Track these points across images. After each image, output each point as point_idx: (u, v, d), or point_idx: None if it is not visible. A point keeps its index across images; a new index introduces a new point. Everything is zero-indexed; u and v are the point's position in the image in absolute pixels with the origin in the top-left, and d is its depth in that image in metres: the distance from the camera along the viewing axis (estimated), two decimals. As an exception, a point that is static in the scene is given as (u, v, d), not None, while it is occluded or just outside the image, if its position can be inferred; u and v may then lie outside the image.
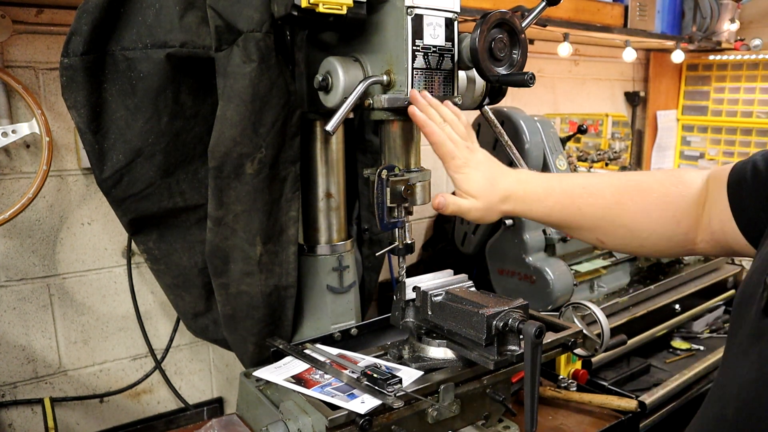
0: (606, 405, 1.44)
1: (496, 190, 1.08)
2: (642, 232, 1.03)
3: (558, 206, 1.07)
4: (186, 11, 1.16)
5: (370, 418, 1.00)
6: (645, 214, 1.02)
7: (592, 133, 2.68)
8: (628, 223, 1.03)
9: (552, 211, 1.08)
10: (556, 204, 1.07)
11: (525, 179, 1.10)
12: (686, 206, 1.00)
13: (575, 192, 1.07)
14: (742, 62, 3.08)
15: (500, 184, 1.08)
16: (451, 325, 1.13)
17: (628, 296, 1.83)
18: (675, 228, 1.01)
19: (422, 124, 1.08)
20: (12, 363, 1.56)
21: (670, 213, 1.01)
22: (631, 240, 1.06)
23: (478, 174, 1.08)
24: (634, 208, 1.02)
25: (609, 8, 2.37)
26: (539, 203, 1.08)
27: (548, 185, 1.09)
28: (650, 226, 1.02)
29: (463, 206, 1.08)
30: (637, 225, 1.03)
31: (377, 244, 1.67)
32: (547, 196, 1.07)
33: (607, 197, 1.05)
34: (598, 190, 1.06)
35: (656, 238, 1.03)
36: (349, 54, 1.19)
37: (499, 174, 1.10)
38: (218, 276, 1.30)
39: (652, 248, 1.08)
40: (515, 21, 1.11)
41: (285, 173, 1.28)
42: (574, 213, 1.06)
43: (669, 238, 1.03)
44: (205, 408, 1.86)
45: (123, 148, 1.22)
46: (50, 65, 1.50)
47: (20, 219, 1.49)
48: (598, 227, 1.06)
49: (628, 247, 1.10)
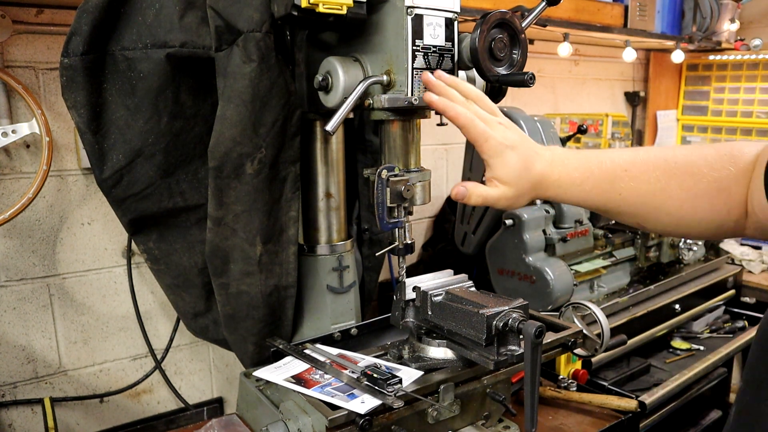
0: (606, 405, 1.44)
1: (530, 175, 0.97)
2: (690, 221, 0.93)
3: (596, 191, 0.97)
4: (186, 11, 1.16)
5: (370, 418, 1.00)
6: (693, 202, 0.91)
7: (592, 133, 2.68)
8: (674, 210, 0.93)
9: (589, 196, 0.98)
10: (594, 188, 0.96)
11: (560, 160, 0.99)
12: (739, 191, 0.89)
13: (616, 175, 0.95)
14: (742, 62, 3.08)
15: (534, 168, 0.97)
16: (451, 325, 1.13)
17: (628, 296, 1.83)
18: (726, 217, 0.91)
19: (444, 109, 0.98)
20: (12, 363, 1.56)
21: (722, 201, 0.90)
22: (676, 227, 0.96)
23: (514, 157, 0.96)
24: (682, 195, 0.92)
25: (609, 8, 2.37)
26: (576, 187, 0.97)
27: (586, 167, 0.97)
28: (698, 215, 0.92)
29: (490, 197, 0.98)
30: (685, 213, 0.93)
31: (377, 244, 1.67)
32: (585, 180, 0.97)
33: (651, 182, 0.93)
34: (642, 173, 0.94)
35: (705, 225, 0.93)
36: (349, 54, 1.19)
37: (533, 155, 0.98)
38: (218, 276, 1.30)
39: (698, 234, 0.98)
40: (515, 21, 1.11)
41: (285, 173, 1.28)
42: (614, 198, 0.96)
43: (718, 226, 0.93)
44: (205, 408, 1.86)
45: (123, 148, 1.22)
46: (50, 65, 1.50)
47: (20, 219, 1.49)
48: (640, 213, 0.96)
49: (672, 233, 1.01)
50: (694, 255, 2.10)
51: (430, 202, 1.28)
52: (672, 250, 2.06)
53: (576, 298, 1.71)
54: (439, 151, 2.37)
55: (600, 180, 0.96)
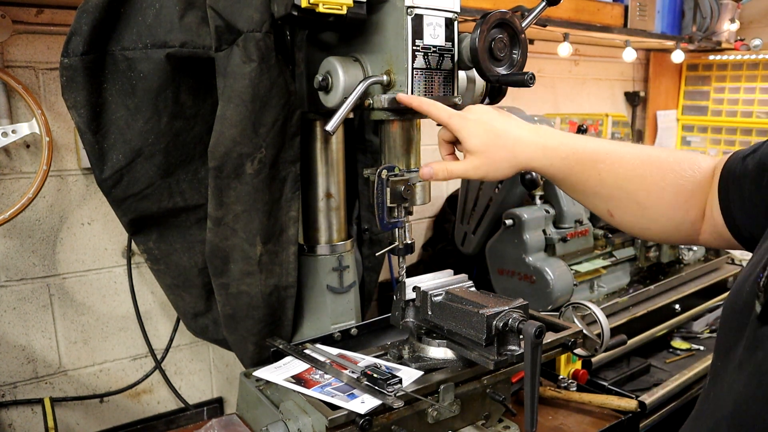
0: (606, 405, 1.44)
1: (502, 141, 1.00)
2: (653, 213, 0.99)
3: (579, 167, 1.00)
4: (186, 11, 1.16)
5: (370, 418, 1.00)
6: (660, 193, 0.97)
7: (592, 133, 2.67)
8: (643, 199, 0.98)
9: (572, 171, 1.01)
10: (577, 164, 1.00)
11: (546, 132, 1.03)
12: (698, 193, 0.96)
13: (598, 156, 1.00)
14: (742, 62, 3.08)
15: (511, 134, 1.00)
16: (451, 325, 1.13)
17: (628, 296, 1.83)
18: (684, 215, 0.98)
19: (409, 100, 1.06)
20: (12, 363, 1.56)
21: (683, 198, 0.96)
22: (640, 218, 1.01)
23: (480, 127, 1.00)
24: (652, 185, 0.98)
25: (609, 8, 2.37)
26: (561, 161, 1.00)
27: (572, 143, 1.01)
28: (662, 208, 0.98)
29: (456, 169, 1.02)
30: (651, 203, 0.98)
31: (377, 244, 1.67)
32: (569, 155, 1.00)
33: (628, 168, 0.99)
34: (621, 157, 1.00)
35: (665, 221, 0.99)
36: (349, 54, 1.19)
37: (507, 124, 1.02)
38: (218, 276, 1.30)
39: (658, 232, 1.03)
40: (515, 21, 1.11)
41: (285, 173, 1.28)
42: (593, 177, 1.00)
43: (677, 225, 0.99)
44: (205, 408, 1.86)
45: (123, 148, 1.22)
46: (50, 65, 1.50)
47: (20, 219, 1.49)
48: (613, 197, 1.01)
49: (635, 226, 1.04)
50: (694, 255, 2.09)
51: (430, 202, 1.28)
52: (672, 250, 2.06)
53: (576, 298, 1.71)
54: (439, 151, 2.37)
55: (583, 158, 1.00)
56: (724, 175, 0.92)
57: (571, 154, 1.00)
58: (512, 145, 1.00)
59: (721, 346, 0.78)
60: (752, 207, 0.87)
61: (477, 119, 1.01)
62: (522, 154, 1.00)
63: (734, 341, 0.73)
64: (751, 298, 0.71)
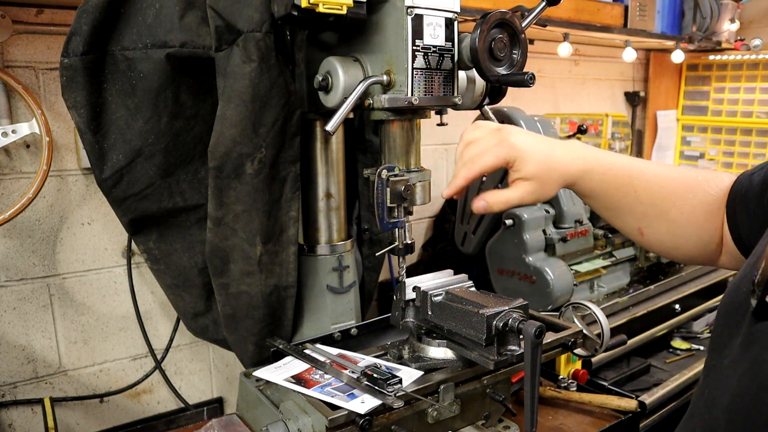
0: (606, 405, 1.44)
1: (552, 163, 0.98)
2: (684, 231, 0.98)
3: (615, 183, 0.99)
4: (186, 11, 1.16)
5: (370, 418, 1.00)
6: (692, 211, 0.96)
7: (592, 133, 2.68)
8: (676, 217, 0.97)
9: (609, 187, 0.99)
10: (614, 180, 0.99)
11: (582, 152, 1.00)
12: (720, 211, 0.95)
13: (633, 172, 0.99)
14: (742, 62, 3.08)
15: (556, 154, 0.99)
16: (451, 325, 1.13)
17: (628, 296, 1.83)
18: (712, 235, 0.96)
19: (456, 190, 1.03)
20: (12, 363, 1.56)
21: (712, 217, 0.95)
22: (672, 237, 1.00)
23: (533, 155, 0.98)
24: (684, 203, 0.96)
25: (609, 8, 2.37)
26: (599, 176, 0.99)
27: (609, 159, 1.00)
28: (692, 227, 0.97)
29: (513, 198, 1.00)
30: (683, 221, 0.97)
31: (377, 244, 1.67)
32: (607, 171, 0.99)
33: (661, 185, 0.98)
34: (655, 174, 0.98)
35: (696, 240, 0.98)
36: (349, 54, 1.19)
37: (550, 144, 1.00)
38: (218, 276, 1.30)
39: (687, 251, 1.01)
40: (515, 21, 1.11)
41: (285, 173, 1.28)
42: (629, 194, 0.98)
43: (705, 245, 0.98)
44: (205, 408, 1.86)
45: (123, 148, 1.22)
46: (50, 65, 1.50)
47: (20, 219, 1.49)
48: (647, 215, 0.99)
49: (665, 245, 1.03)
50: (694, 255, 2.09)
51: (430, 202, 1.28)
52: (672, 250, 2.06)
53: (576, 298, 1.71)
54: (439, 151, 2.37)
55: (620, 174, 0.99)
56: (732, 195, 0.93)
57: (609, 170, 0.99)
58: (559, 166, 0.99)
59: (716, 344, 0.78)
60: (757, 223, 0.87)
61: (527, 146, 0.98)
62: (567, 174, 0.99)
63: (729, 339, 0.74)
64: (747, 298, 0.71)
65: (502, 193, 1.01)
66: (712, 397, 0.74)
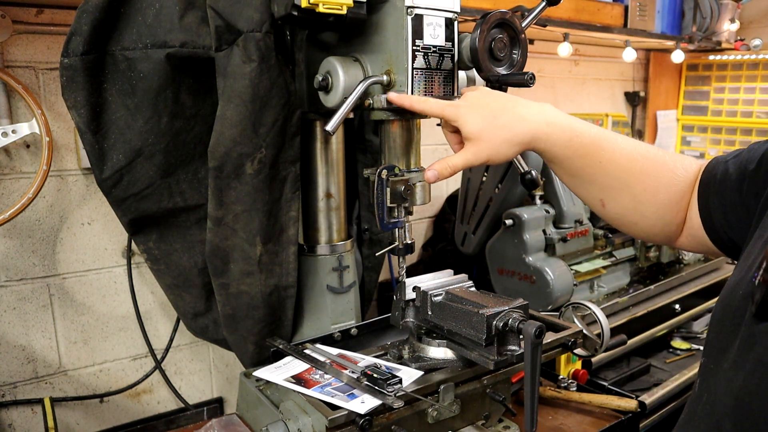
0: (606, 405, 1.44)
1: (502, 122, 0.97)
2: (646, 209, 0.98)
3: (581, 152, 0.98)
4: (186, 11, 1.16)
5: (370, 418, 1.00)
6: (655, 190, 0.97)
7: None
8: (639, 193, 0.98)
9: (574, 155, 0.98)
10: (580, 149, 0.98)
11: (552, 113, 0.99)
12: (687, 196, 0.97)
13: (602, 143, 0.98)
14: (742, 62, 3.08)
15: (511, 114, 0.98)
16: (451, 325, 1.13)
17: (628, 296, 1.83)
18: (673, 216, 0.98)
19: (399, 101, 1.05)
20: (12, 363, 1.56)
21: (675, 198, 0.97)
22: (632, 212, 1.00)
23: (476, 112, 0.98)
24: (649, 181, 0.97)
25: (609, 8, 2.37)
26: (564, 143, 0.98)
27: (575, 127, 0.99)
28: (654, 206, 0.98)
29: (458, 161, 0.99)
30: (645, 198, 0.98)
31: (377, 244, 1.67)
32: (572, 138, 0.98)
33: (628, 158, 0.98)
34: (623, 148, 0.98)
35: (655, 219, 0.99)
36: (349, 54, 1.19)
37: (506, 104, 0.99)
38: (218, 276, 1.30)
39: (645, 228, 1.02)
40: (515, 21, 1.11)
41: (285, 173, 1.28)
42: (594, 164, 0.98)
43: (665, 224, 0.99)
44: (205, 408, 1.86)
45: (123, 148, 1.22)
46: (50, 65, 1.50)
47: (20, 219, 1.49)
48: (610, 187, 0.99)
49: (624, 219, 1.03)
50: (694, 255, 2.10)
51: (430, 202, 1.28)
52: (672, 250, 2.06)
53: (576, 298, 1.71)
54: (439, 151, 2.37)
55: (587, 143, 0.98)
56: (705, 180, 0.93)
57: (575, 137, 0.98)
58: (513, 123, 0.97)
59: (713, 348, 0.78)
60: (733, 211, 0.88)
61: (470, 104, 1.00)
62: (524, 132, 0.97)
63: (727, 343, 0.73)
64: (745, 301, 0.71)
65: (448, 159, 1.01)
66: (712, 402, 0.73)
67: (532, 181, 1.60)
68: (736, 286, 0.76)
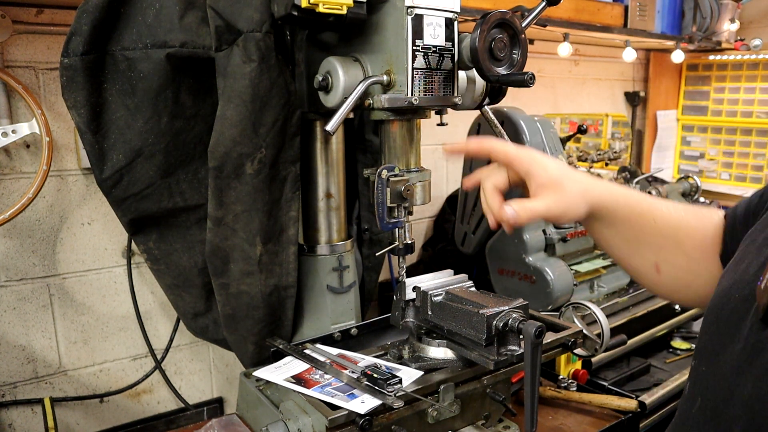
0: (606, 405, 1.44)
1: (575, 175, 0.95)
2: (698, 266, 0.95)
3: (639, 209, 0.96)
4: (186, 11, 1.16)
5: (370, 418, 1.00)
6: (702, 243, 0.94)
7: (592, 133, 2.68)
8: (690, 250, 0.95)
9: (632, 214, 0.96)
10: (638, 205, 0.96)
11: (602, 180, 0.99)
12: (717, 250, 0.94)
13: (649, 200, 0.98)
14: (742, 62, 3.08)
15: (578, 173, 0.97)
16: (451, 325, 1.13)
17: (628, 296, 1.83)
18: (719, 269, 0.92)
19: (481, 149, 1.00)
20: (12, 363, 1.56)
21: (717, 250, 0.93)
22: (686, 272, 0.97)
23: (551, 161, 0.96)
24: (696, 234, 0.95)
25: (609, 8, 2.37)
26: (625, 201, 0.96)
27: (626, 190, 0.99)
28: (705, 261, 0.94)
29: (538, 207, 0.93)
30: (696, 255, 0.95)
31: (377, 244, 1.67)
32: (629, 195, 0.97)
33: (674, 214, 0.96)
34: (668, 206, 0.98)
35: (706, 275, 0.94)
36: (349, 54, 1.19)
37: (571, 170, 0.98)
38: (218, 276, 1.30)
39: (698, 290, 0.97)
40: (515, 21, 1.11)
41: (285, 173, 1.28)
42: (649, 224, 0.95)
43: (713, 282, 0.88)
44: (205, 408, 1.86)
45: (123, 148, 1.22)
46: (50, 65, 1.50)
47: (20, 219, 1.49)
48: (664, 247, 0.96)
49: (678, 282, 0.99)
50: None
51: (430, 202, 1.28)
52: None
53: (576, 298, 1.71)
54: (439, 151, 2.37)
55: (641, 201, 0.97)
56: (725, 227, 0.93)
57: (629, 197, 0.97)
58: (584, 178, 0.95)
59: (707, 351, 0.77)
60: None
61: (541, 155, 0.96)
62: (593, 190, 0.95)
63: (722, 347, 0.72)
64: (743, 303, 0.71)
65: (525, 202, 0.94)
66: (712, 407, 0.72)
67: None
68: (730, 290, 0.75)
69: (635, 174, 2.23)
